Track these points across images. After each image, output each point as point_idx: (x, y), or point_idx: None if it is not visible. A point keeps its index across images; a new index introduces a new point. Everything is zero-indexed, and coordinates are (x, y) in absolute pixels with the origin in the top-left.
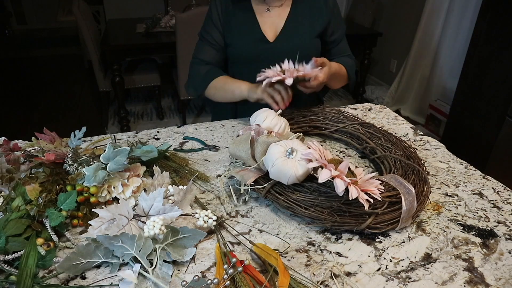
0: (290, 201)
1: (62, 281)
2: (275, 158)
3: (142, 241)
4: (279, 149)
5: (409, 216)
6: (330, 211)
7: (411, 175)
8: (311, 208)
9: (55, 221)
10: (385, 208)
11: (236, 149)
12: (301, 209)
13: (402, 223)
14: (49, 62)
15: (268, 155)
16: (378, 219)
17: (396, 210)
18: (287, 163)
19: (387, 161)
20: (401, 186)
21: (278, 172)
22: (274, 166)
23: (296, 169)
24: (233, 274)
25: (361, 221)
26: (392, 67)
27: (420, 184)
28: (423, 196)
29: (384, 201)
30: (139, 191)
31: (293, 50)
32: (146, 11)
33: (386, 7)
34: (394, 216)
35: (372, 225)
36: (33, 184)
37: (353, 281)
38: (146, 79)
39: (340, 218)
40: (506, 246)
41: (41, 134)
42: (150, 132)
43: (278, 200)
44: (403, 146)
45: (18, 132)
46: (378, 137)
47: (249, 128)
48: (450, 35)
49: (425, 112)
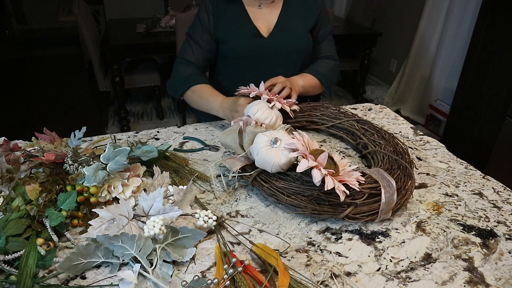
0: (274, 188)
1: (62, 281)
2: (259, 147)
3: (142, 241)
4: (264, 139)
5: (388, 208)
6: (310, 199)
7: (396, 170)
8: (293, 195)
9: (55, 221)
10: (365, 199)
11: (226, 139)
12: (283, 196)
13: (382, 215)
14: (49, 62)
15: (254, 144)
16: (357, 210)
17: (376, 202)
18: (270, 152)
19: (376, 156)
20: (383, 179)
21: (263, 161)
22: (259, 154)
23: (279, 158)
24: (233, 274)
25: (340, 210)
26: (392, 67)
27: (404, 179)
28: (405, 190)
29: (364, 193)
30: (139, 191)
31: (288, 45)
32: (146, 11)
33: (386, 7)
34: (373, 207)
35: (352, 215)
36: (33, 184)
37: (353, 281)
38: (146, 79)
39: (320, 207)
40: (506, 246)
41: (41, 134)
42: (150, 132)
43: (263, 187)
44: (395, 142)
45: (18, 132)
46: (372, 133)
47: (239, 119)
48: (450, 35)
49: (425, 112)
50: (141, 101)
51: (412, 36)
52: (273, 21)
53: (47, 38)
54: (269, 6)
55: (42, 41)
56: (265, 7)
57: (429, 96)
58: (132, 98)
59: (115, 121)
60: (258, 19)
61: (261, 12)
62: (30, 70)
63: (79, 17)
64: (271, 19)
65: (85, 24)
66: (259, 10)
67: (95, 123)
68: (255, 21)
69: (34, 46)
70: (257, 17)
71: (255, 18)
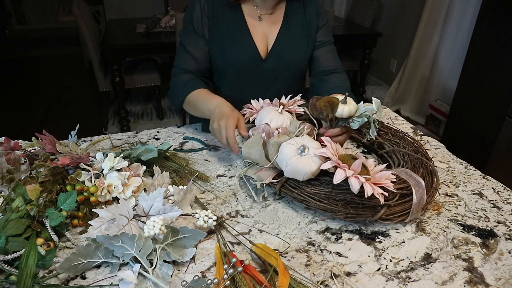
0: (305, 194)
1: (62, 281)
2: (288, 157)
3: (142, 241)
4: (291, 148)
5: (419, 208)
6: (344, 203)
7: (419, 168)
8: (325, 200)
9: (55, 221)
10: (397, 200)
11: (249, 152)
12: (315, 201)
13: (412, 215)
14: (49, 62)
15: (281, 155)
16: (390, 211)
17: (407, 202)
18: (301, 161)
19: (396, 155)
20: (411, 179)
21: (293, 171)
22: (289, 165)
23: (310, 166)
24: (233, 274)
25: (374, 212)
26: (392, 67)
27: (428, 177)
28: (432, 189)
29: (396, 193)
30: (139, 191)
31: (285, 67)
32: (146, 11)
33: (386, 7)
34: (405, 208)
35: (384, 217)
36: (33, 184)
37: (353, 281)
38: (146, 79)
39: (354, 210)
40: (506, 246)
41: (41, 134)
42: (150, 132)
43: (293, 193)
44: (409, 141)
45: (18, 132)
46: (386, 132)
47: (257, 128)
48: (450, 35)
49: (425, 112)
50: (141, 101)
51: (412, 36)
52: (272, 38)
53: (47, 38)
54: (269, 19)
55: (42, 41)
56: (265, 19)
57: (429, 96)
58: (132, 98)
59: (115, 121)
60: (257, 33)
61: (261, 25)
62: (30, 70)
63: (79, 17)
64: (270, 35)
65: (85, 24)
66: (258, 22)
67: (95, 123)
68: (254, 35)
69: (34, 46)
70: (256, 31)
71: (254, 32)
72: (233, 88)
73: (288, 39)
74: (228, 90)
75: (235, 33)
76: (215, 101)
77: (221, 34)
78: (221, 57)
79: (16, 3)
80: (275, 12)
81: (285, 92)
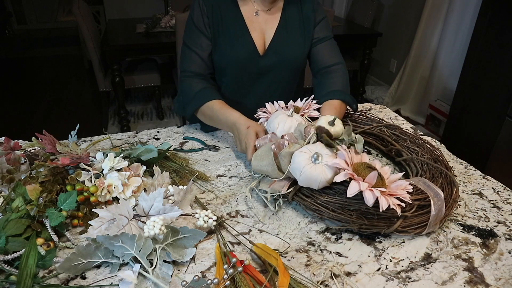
0: (318, 203)
1: (62, 281)
2: (302, 166)
3: (142, 241)
4: (304, 157)
5: (437, 220)
6: (358, 213)
7: (439, 178)
8: (339, 210)
9: (55, 221)
10: (414, 212)
11: (260, 164)
12: (328, 211)
13: (430, 227)
14: (49, 62)
15: (294, 164)
16: (407, 223)
17: (425, 214)
18: (315, 169)
19: (414, 163)
20: (430, 190)
21: (308, 179)
22: (303, 174)
23: (325, 174)
24: (233, 274)
25: (389, 224)
26: (392, 67)
27: (448, 188)
28: (451, 200)
29: (413, 204)
30: (139, 191)
31: (282, 65)
32: (146, 11)
33: (386, 7)
34: (422, 219)
35: (400, 229)
36: (33, 184)
37: (353, 281)
38: (146, 79)
39: (368, 221)
40: (506, 246)
41: (41, 134)
42: (150, 132)
43: (305, 202)
44: (429, 148)
45: (18, 132)
46: (404, 139)
47: (263, 138)
48: (450, 35)
49: (425, 112)
50: (141, 101)
51: (412, 36)
52: (270, 35)
53: (47, 38)
54: (266, 15)
55: (42, 41)
56: (262, 15)
57: (429, 96)
58: (132, 98)
59: (115, 121)
60: (255, 29)
61: (257, 20)
62: (30, 70)
63: (79, 17)
64: (267, 31)
65: (85, 24)
66: (255, 17)
67: (95, 123)
68: (251, 31)
69: (34, 46)
70: (254, 27)
71: (252, 28)
72: (232, 86)
73: (285, 35)
74: (228, 88)
75: (232, 30)
76: (231, 118)
77: (219, 32)
78: (219, 54)
79: (16, 3)
80: (272, 8)
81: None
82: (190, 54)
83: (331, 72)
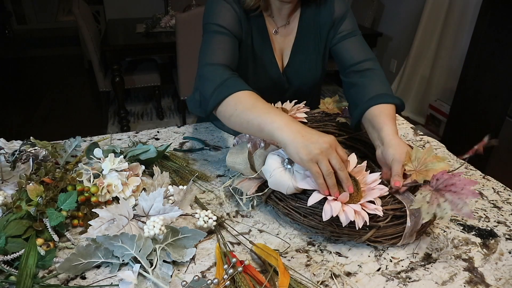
0: (290, 208)
1: (62, 281)
2: (272, 169)
3: (142, 241)
4: (276, 159)
5: (413, 232)
6: (330, 220)
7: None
8: (310, 216)
9: (55, 221)
10: (388, 222)
11: (234, 161)
12: (300, 216)
13: (405, 239)
14: (49, 62)
15: (266, 166)
16: (380, 233)
17: (400, 225)
18: (284, 174)
19: None
20: (407, 200)
21: (276, 183)
22: (272, 176)
23: (294, 181)
24: (233, 274)
25: (362, 233)
26: (392, 67)
27: None
28: None
29: (388, 214)
30: (139, 190)
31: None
32: (146, 11)
33: (386, 7)
34: (397, 230)
35: (373, 238)
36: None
37: (353, 281)
38: (146, 79)
39: (339, 229)
40: (506, 246)
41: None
42: (150, 132)
43: (278, 206)
44: None
45: (18, 132)
46: None
47: (243, 135)
48: (450, 35)
49: (425, 112)
50: (141, 101)
51: (412, 36)
52: (287, 53)
53: (47, 38)
54: (284, 32)
55: (42, 41)
56: (280, 31)
57: (429, 96)
58: (132, 98)
59: (115, 121)
60: (275, 47)
61: (277, 40)
62: (30, 70)
63: (79, 17)
64: (285, 48)
65: (85, 24)
66: (275, 36)
67: (95, 123)
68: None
69: (34, 46)
70: (275, 47)
71: (274, 47)
72: None
73: (302, 53)
74: None
75: (258, 42)
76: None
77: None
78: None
79: (16, 3)
80: (290, 23)
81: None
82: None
83: (364, 70)
